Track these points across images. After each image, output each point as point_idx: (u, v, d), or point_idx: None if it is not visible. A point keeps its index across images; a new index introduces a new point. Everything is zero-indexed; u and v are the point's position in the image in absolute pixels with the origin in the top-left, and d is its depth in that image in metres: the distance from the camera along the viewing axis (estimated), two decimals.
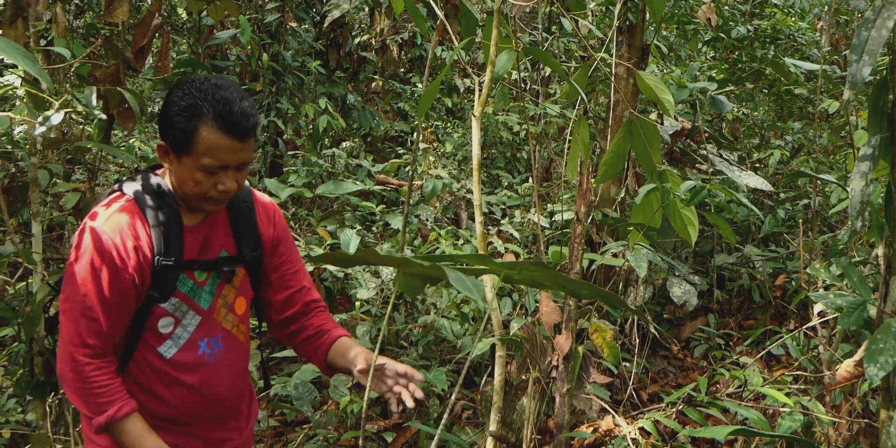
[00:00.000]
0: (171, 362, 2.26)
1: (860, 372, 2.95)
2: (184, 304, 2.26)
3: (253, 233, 2.40)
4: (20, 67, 2.98)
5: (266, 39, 7.21)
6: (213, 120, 2.09)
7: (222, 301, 2.35)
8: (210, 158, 2.11)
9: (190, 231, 2.27)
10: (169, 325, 2.25)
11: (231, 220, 2.37)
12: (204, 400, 2.32)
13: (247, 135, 2.13)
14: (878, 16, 2.20)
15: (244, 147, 2.15)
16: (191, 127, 2.09)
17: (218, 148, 2.10)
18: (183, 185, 2.19)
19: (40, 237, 3.51)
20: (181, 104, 2.11)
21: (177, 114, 2.11)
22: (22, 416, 4.16)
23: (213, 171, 2.14)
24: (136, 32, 3.73)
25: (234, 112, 2.10)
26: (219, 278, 2.33)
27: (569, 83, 3.97)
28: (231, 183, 2.18)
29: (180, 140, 2.12)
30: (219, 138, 2.09)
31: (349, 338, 2.46)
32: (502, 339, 3.52)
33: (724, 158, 6.48)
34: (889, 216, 2.50)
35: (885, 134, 2.41)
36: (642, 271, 3.81)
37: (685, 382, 5.63)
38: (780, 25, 8.02)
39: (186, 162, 2.14)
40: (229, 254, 2.35)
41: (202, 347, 2.30)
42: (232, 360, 2.39)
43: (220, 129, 2.09)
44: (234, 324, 2.38)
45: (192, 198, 2.20)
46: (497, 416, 3.37)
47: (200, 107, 2.09)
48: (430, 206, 6.49)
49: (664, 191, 3.78)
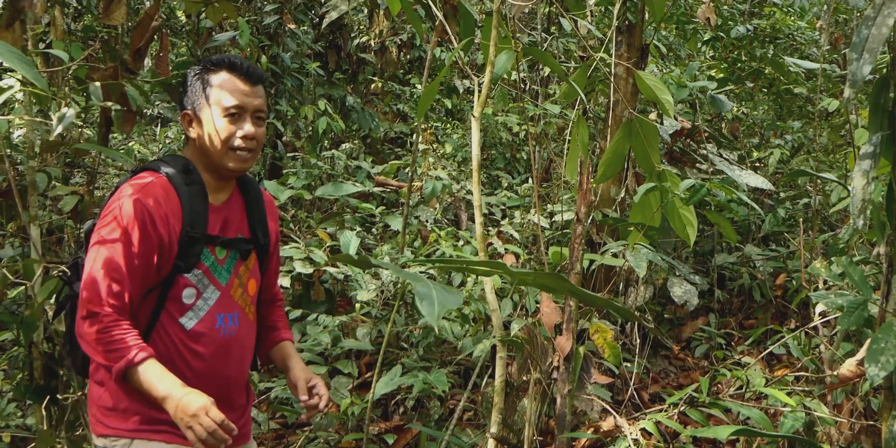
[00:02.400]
0: (191, 333, 2.37)
1: (862, 371, 2.94)
2: (205, 278, 2.40)
3: (263, 221, 2.59)
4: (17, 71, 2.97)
5: (265, 41, 7.20)
6: (224, 69, 2.40)
7: (238, 280, 2.49)
8: (228, 100, 2.36)
9: (214, 209, 2.44)
10: (192, 295, 2.37)
11: (247, 207, 2.56)
12: (215, 373, 2.42)
13: (257, 79, 2.43)
14: (878, 14, 2.19)
15: (257, 92, 2.42)
16: (206, 78, 2.39)
17: (233, 89, 2.37)
18: (210, 141, 2.38)
19: (38, 240, 3.50)
20: (196, 69, 2.43)
21: (194, 75, 2.42)
22: (22, 420, 4.15)
23: (233, 113, 2.36)
24: (135, 35, 3.72)
25: (242, 62, 2.42)
26: (236, 258, 2.48)
27: (568, 83, 3.96)
28: (250, 127, 2.39)
29: (200, 94, 2.39)
30: (232, 80, 2.38)
31: (291, 343, 2.70)
32: (503, 340, 3.51)
33: (723, 158, 6.47)
34: (890, 214, 2.49)
35: (886, 132, 2.40)
36: (642, 271, 3.80)
37: (686, 382, 5.62)
38: (780, 25, 8.01)
39: (207, 115, 2.38)
40: (244, 237, 2.52)
41: (219, 321, 2.42)
42: (243, 337, 2.51)
43: (233, 74, 2.39)
44: (246, 303, 2.53)
45: (218, 154, 2.38)
46: (498, 418, 3.36)
47: (211, 65, 2.41)
48: (429, 208, 6.48)
49: (663, 190, 3.77)
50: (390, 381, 4.23)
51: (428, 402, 4.63)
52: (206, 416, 2.11)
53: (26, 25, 3.44)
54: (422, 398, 4.62)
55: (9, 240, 4.92)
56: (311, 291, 4.91)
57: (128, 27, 5.22)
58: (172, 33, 7.72)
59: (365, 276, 5.03)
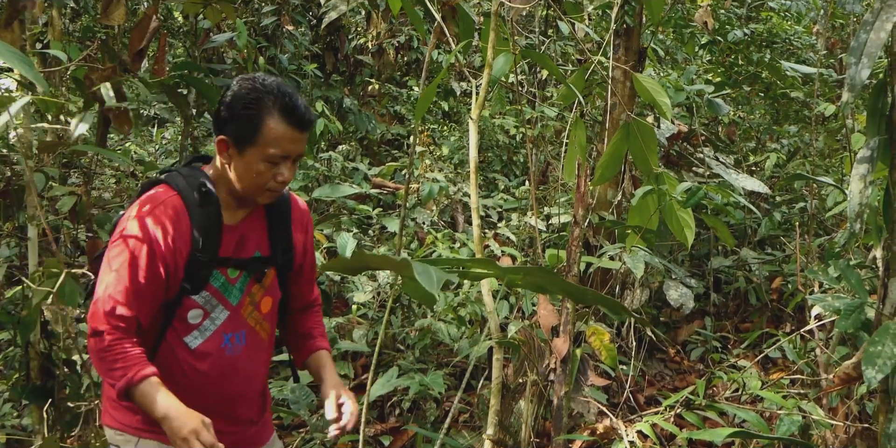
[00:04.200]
0: (195, 352, 2.34)
1: (858, 374, 2.95)
2: (214, 299, 2.36)
3: (286, 237, 2.51)
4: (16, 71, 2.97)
5: (262, 43, 7.20)
6: (279, 112, 2.23)
7: (250, 298, 2.44)
8: (275, 148, 2.24)
9: (228, 230, 2.37)
10: (198, 316, 2.34)
11: (268, 222, 2.48)
12: (219, 391, 2.40)
13: (308, 126, 2.30)
14: (876, 18, 2.20)
15: (304, 138, 2.31)
16: (259, 118, 2.23)
17: (283, 138, 2.24)
18: (243, 177, 2.29)
19: (36, 241, 3.49)
20: (248, 97, 2.25)
21: (244, 106, 2.24)
22: (18, 421, 4.15)
23: (276, 161, 2.26)
24: (133, 35, 3.72)
25: (298, 105, 2.26)
26: (249, 277, 2.42)
27: (566, 86, 3.97)
28: (289, 173, 2.30)
29: (246, 131, 2.24)
30: (284, 129, 2.24)
31: (327, 352, 2.65)
32: (500, 342, 3.51)
33: (720, 161, 6.49)
34: (887, 218, 2.50)
35: (883, 136, 2.41)
36: (639, 272, 3.81)
37: (682, 385, 5.62)
38: (776, 29, 8.03)
39: (250, 153, 2.26)
40: (262, 255, 2.46)
41: (225, 340, 2.39)
42: (251, 355, 2.47)
43: (286, 120, 2.24)
44: (258, 321, 2.48)
45: (250, 190, 2.31)
46: (494, 420, 3.36)
47: (267, 100, 2.24)
48: (426, 210, 6.49)
49: (660, 193, 3.77)
50: (387, 383, 4.23)
51: (424, 403, 4.63)
52: (195, 439, 2.10)
53: (24, 25, 3.44)
54: (418, 400, 4.62)
55: (5, 240, 4.92)
56: None
57: (126, 28, 5.22)
58: (170, 34, 7.72)
59: (361, 278, 5.03)
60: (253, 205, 2.42)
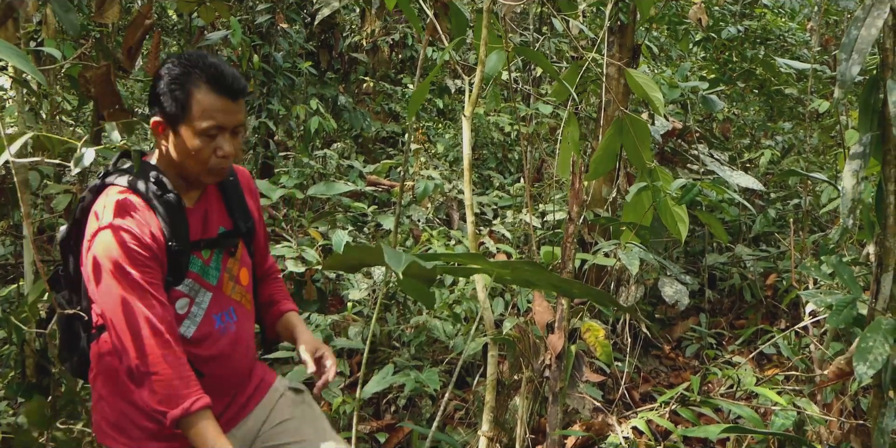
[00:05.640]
0: (192, 340, 2.32)
1: (851, 369, 2.96)
2: (196, 284, 2.34)
3: (243, 206, 2.51)
4: (10, 68, 2.97)
5: (257, 41, 7.19)
6: (205, 83, 2.19)
7: (228, 274, 2.43)
8: (207, 121, 2.19)
9: (190, 212, 2.34)
10: (185, 305, 2.32)
11: (222, 196, 2.47)
12: (225, 369, 2.40)
13: (239, 94, 2.23)
14: (867, 14, 2.21)
15: (238, 108, 2.24)
16: (185, 93, 2.19)
17: (213, 108, 2.19)
18: (182, 157, 2.25)
19: (31, 239, 3.49)
20: (172, 73, 2.21)
21: (169, 83, 2.20)
22: (13, 419, 4.14)
23: (211, 133, 2.21)
24: (127, 33, 3.71)
25: (225, 74, 2.20)
26: (221, 253, 2.42)
27: (559, 82, 3.97)
28: (229, 147, 2.25)
29: (176, 108, 2.20)
30: (213, 99, 2.19)
31: (295, 313, 2.67)
32: (495, 339, 3.52)
33: (714, 158, 6.49)
34: (880, 214, 2.50)
35: (875, 132, 2.41)
36: (634, 269, 3.82)
37: (677, 382, 5.63)
38: (771, 26, 8.03)
39: (184, 131, 2.21)
40: (227, 229, 2.45)
41: (217, 321, 2.39)
42: (242, 327, 2.48)
43: (214, 90, 2.19)
44: (241, 294, 2.48)
45: (192, 170, 2.27)
46: (490, 416, 3.37)
47: (192, 73, 2.19)
48: (421, 207, 6.49)
49: (655, 188, 3.78)
50: (382, 380, 4.23)
51: (420, 400, 4.63)
52: None
53: (18, 24, 3.43)
54: (413, 397, 4.63)
55: (0, 238, 4.91)
56: (303, 290, 4.91)
57: (120, 26, 5.22)
58: (164, 32, 7.71)
59: (357, 276, 5.03)
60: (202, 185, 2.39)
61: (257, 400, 2.56)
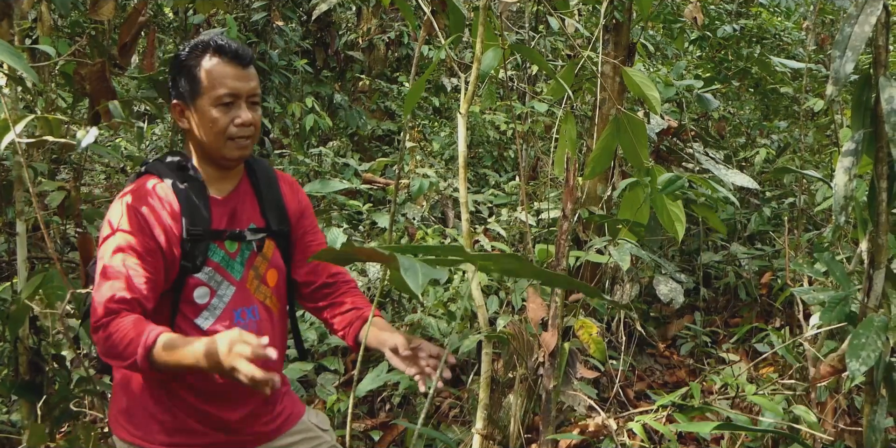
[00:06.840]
0: (208, 333, 2.25)
1: (844, 366, 2.96)
2: (217, 274, 2.32)
3: (278, 206, 2.49)
4: (5, 66, 2.96)
5: (252, 38, 7.18)
6: (211, 53, 2.27)
7: (254, 272, 2.40)
8: (220, 88, 2.25)
9: (218, 203, 2.36)
10: (205, 295, 2.30)
11: (257, 193, 2.47)
12: None
13: (247, 60, 2.30)
14: (860, 12, 2.21)
15: (249, 75, 2.30)
16: (196, 66, 2.27)
17: (224, 75, 2.25)
18: (204, 132, 2.29)
19: (25, 236, 3.49)
20: (182, 55, 2.31)
21: (179, 65, 2.30)
22: (7, 417, 4.14)
23: (226, 101, 2.26)
24: (122, 30, 3.71)
25: (229, 43, 2.29)
26: (249, 249, 2.39)
27: (555, 80, 3.97)
28: (246, 114, 2.28)
29: (189, 83, 2.28)
30: (222, 67, 2.26)
31: (381, 319, 2.53)
32: (489, 337, 3.52)
33: (710, 157, 6.50)
34: (872, 211, 2.51)
35: (868, 129, 2.41)
36: (625, 265, 3.81)
37: (672, 380, 5.65)
38: (766, 24, 8.05)
39: (200, 105, 2.27)
40: (257, 226, 2.43)
41: (237, 317, 2.34)
42: (263, 328, 2.39)
43: (221, 58, 2.27)
44: (266, 295, 2.43)
45: (215, 145, 2.29)
46: (484, 414, 3.37)
47: (198, 49, 2.29)
48: (417, 205, 6.49)
49: (651, 186, 3.78)
50: (376, 378, 4.24)
51: (414, 398, 4.64)
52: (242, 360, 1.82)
53: (13, 21, 3.43)
54: (408, 395, 4.63)
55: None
56: None
57: (115, 23, 5.21)
58: (160, 30, 7.70)
59: (352, 273, 5.03)
60: (237, 175, 2.42)
61: (286, 428, 2.53)
